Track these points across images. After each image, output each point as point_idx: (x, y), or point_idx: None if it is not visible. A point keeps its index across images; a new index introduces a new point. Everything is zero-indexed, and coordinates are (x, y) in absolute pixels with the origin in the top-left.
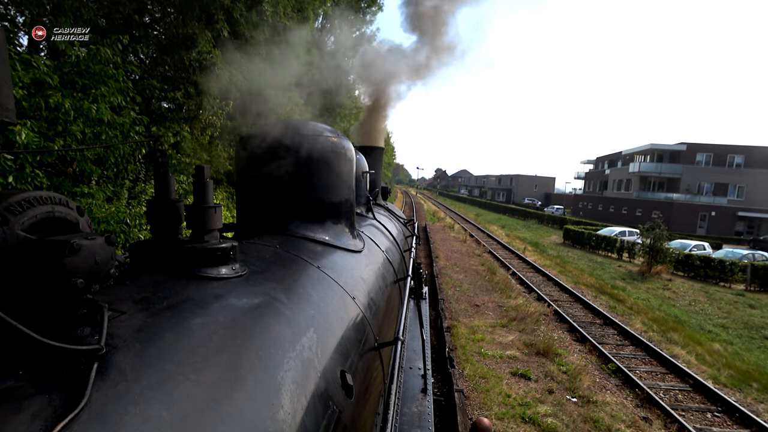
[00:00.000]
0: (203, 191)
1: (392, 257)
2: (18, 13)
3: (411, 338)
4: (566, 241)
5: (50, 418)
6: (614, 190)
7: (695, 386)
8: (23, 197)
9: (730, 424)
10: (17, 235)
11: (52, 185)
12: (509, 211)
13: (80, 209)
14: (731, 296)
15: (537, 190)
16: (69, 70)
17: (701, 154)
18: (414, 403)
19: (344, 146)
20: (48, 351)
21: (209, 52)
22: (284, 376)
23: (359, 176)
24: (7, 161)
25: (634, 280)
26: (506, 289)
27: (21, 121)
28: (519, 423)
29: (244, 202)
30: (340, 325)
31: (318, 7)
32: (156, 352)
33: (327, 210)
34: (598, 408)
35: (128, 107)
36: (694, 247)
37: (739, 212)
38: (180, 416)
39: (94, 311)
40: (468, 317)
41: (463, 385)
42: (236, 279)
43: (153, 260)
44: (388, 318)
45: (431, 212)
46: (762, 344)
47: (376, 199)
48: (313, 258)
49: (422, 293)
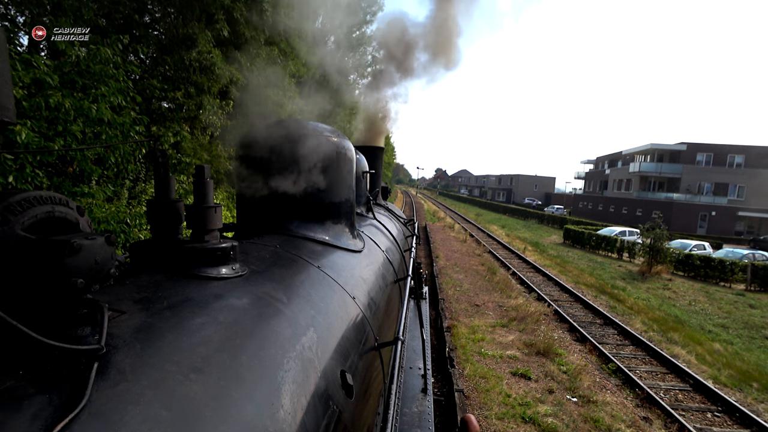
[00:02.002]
0: (203, 191)
1: (392, 257)
2: (18, 13)
3: (411, 338)
4: (566, 241)
5: (50, 418)
6: (614, 190)
7: (695, 386)
8: (23, 197)
9: (730, 424)
10: (17, 235)
11: (52, 185)
12: (509, 211)
13: (80, 209)
14: (731, 296)
15: (537, 190)
16: (69, 70)
17: (701, 154)
18: (414, 403)
19: (344, 146)
20: (48, 351)
21: (209, 52)
22: (284, 375)
23: (359, 176)
24: (7, 161)
25: (634, 280)
26: (506, 289)
27: (21, 121)
28: (519, 423)
29: (244, 202)
30: (340, 325)
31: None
32: (156, 352)
33: (327, 210)
34: (598, 408)
35: (128, 107)
36: (694, 246)
37: (739, 212)
38: (180, 416)
39: (94, 311)
40: (468, 317)
41: (463, 385)
42: (236, 279)
43: (153, 260)
44: (388, 318)
45: (431, 212)
46: (762, 344)
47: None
48: (313, 258)
49: (422, 293)
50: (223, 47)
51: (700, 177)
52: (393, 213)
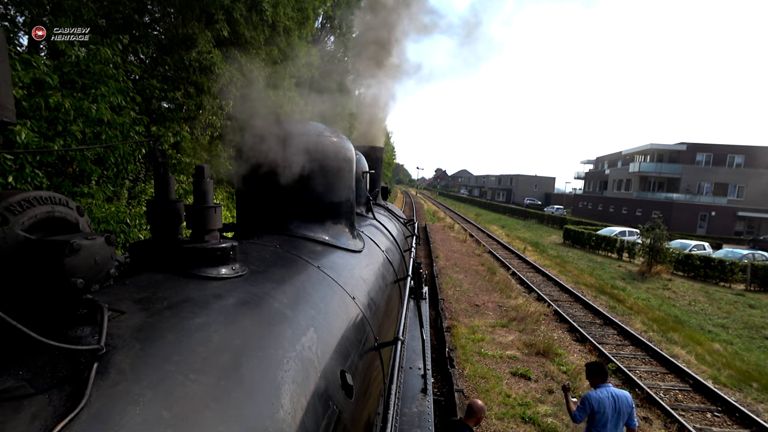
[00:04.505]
0: (203, 191)
1: (392, 257)
2: (18, 13)
3: (411, 338)
4: (566, 241)
5: (50, 418)
6: (614, 190)
7: (695, 386)
8: (23, 197)
9: (730, 424)
10: (17, 235)
11: (52, 185)
12: (509, 211)
13: (80, 209)
14: (731, 296)
15: (537, 190)
16: (69, 70)
17: (701, 154)
18: (414, 403)
19: (344, 146)
20: (48, 351)
21: (209, 52)
22: (284, 376)
23: (359, 176)
24: (7, 161)
25: (634, 280)
26: (506, 289)
27: (21, 121)
28: (519, 423)
29: (244, 202)
30: (340, 325)
31: (318, 7)
32: (156, 352)
33: (327, 210)
34: None
35: (128, 107)
36: (694, 247)
37: (739, 212)
38: (180, 416)
39: (93, 311)
40: (468, 317)
41: (463, 385)
42: (236, 279)
43: (153, 260)
44: (388, 318)
45: (431, 212)
46: (762, 344)
47: (376, 199)
48: (313, 258)
49: (422, 293)
50: (223, 47)
51: (700, 177)
52: (393, 213)
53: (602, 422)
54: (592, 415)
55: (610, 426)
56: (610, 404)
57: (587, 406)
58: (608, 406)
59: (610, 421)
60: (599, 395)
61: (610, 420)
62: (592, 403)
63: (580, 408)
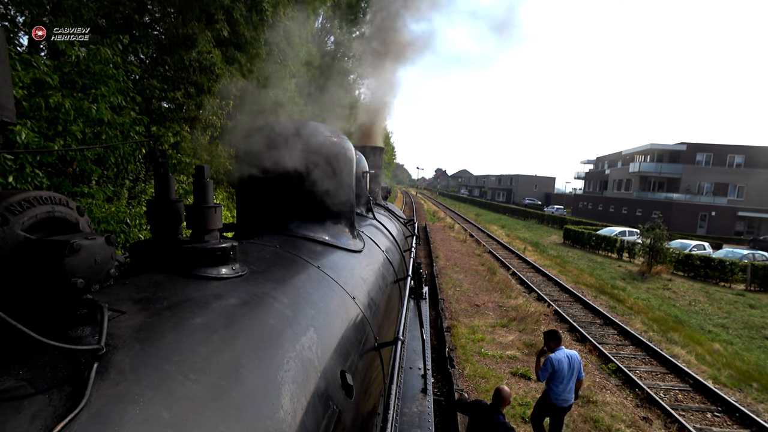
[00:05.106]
0: (203, 191)
1: (392, 257)
2: (18, 13)
3: (411, 338)
4: (566, 241)
5: (50, 418)
6: (614, 190)
7: (695, 386)
8: (23, 197)
9: (730, 424)
10: (17, 235)
11: (52, 185)
12: (509, 211)
13: (80, 209)
14: (731, 296)
15: (537, 190)
16: (69, 70)
17: (701, 154)
18: (414, 403)
19: (344, 146)
20: (48, 351)
21: (209, 52)
22: (284, 376)
23: (359, 176)
24: (7, 161)
25: (634, 280)
26: (506, 289)
27: (21, 121)
28: (519, 423)
29: (244, 202)
30: (340, 325)
31: (318, 7)
32: (156, 352)
33: (327, 210)
34: (598, 408)
35: (128, 107)
36: (694, 247)
37: (739, 212)
38: (180, 416)
39: (94, 311)
40: (468, 317)
41: (463, 385)
42: (236, 279)
43: (153, 260)
44: (388, 318)
45: (431, 212)
46: (762, 344)
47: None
48: (313, 258)
49: (422, 293)
50: (223, 47)
51: (700, 177)
52: (393, 213)
53: (560, 378)
54: (553, 373)
55: (566, 380)
56: (566, 363)
57: (548, 366)
58: (565, 365)
59: (566, 377)
60: (558, 356)
61: (566, 376)
62: (554, 363)
63: (543, 368)
